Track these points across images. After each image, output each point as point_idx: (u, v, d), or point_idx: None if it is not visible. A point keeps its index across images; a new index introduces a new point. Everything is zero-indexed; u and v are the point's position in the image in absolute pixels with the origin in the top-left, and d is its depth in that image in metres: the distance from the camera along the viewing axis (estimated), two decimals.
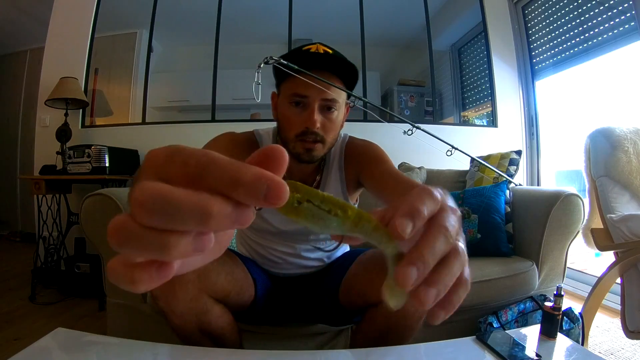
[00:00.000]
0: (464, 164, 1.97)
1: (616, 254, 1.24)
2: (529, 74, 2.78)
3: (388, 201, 0.69)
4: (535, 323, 1.10)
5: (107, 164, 2.13)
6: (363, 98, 0.90)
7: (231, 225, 0.18)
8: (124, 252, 0.18)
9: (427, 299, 0.23)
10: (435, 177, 2.02)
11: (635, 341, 1.34)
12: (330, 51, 0.86)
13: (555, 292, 0.86)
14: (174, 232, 0.17)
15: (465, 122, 2.96)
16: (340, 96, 0.86)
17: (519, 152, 1.86)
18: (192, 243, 0.18)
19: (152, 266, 0.18)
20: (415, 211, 0.24)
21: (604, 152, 1.39)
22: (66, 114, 2.36)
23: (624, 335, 1.20)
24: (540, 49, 2.69)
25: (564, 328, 1.24)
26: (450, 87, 3.01)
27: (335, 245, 1.02)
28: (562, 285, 1.13)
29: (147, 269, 0.18)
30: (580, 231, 1.42)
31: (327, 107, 0.84)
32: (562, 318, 1.25)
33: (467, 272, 0.28)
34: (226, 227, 0.18)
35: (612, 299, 1.56)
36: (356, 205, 1.03)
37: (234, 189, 0.18)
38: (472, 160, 1.90)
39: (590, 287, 1.31)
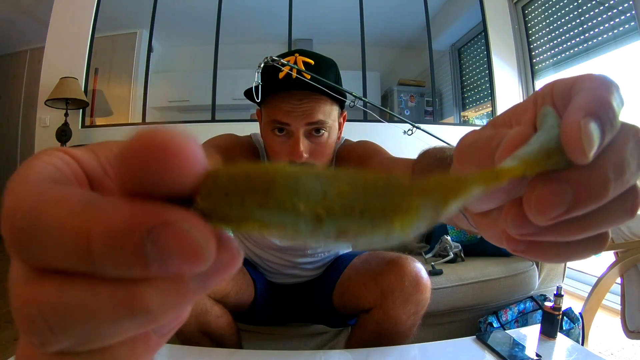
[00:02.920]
0: None
1: (616, 254, 1.24)
2: (529, 74, 2.77)
3: None
4: (535, 323, 1.10)
5: None
6: (363, 98, 0.89)
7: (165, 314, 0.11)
8: None
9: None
10: None
11: (635, 341, 1.34)
12: (312, 61, 0.77)
13: (555, 292, 0.86)
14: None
15: (465, 122, 2.96)
16: (330, 115, 0.76)
17: None
18: (156, 335, 0.12)
19: None
20: (605, 107, 0.14)
21: None
22: (66, 114, 2.36)
23: (624, 335, 1.20)
24: (540, 49, 2.69)
25: (564, 328, 1.24)
26: (450, 87, 3.01)
27: (334, 256, 1.01)
28: (562, 285, 1.13)
29: None
30: None
31: (315, 129, 0.74)
32: (562, 318, 1.25)
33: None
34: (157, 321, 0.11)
35: (612, 299, 1.56)
36: None
37: (93, 266, 0.10)
38: None
39: (590, 287, 1.31)
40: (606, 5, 2.13)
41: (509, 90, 2.79)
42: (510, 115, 0.19)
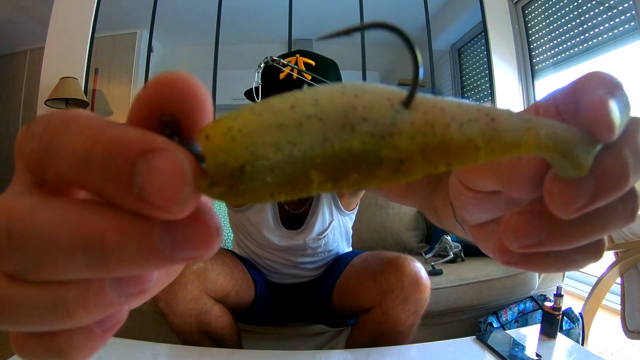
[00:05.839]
0: None
1: (616, 254, 1.24)
2: (529, 74, 2.77)
3: (389, 192, 0.57)
4: (535, 323, 1.10)
5: None
6: None
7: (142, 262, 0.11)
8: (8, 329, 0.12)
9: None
10: None
11: (635, 341, 1.34)
12: (313, 62, 0.78)
13: (555, 292, 0.86)
14: (69, 283, 0.11)
15: None
16: None
17: None
18: (114, 292, 0.11)
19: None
20: (617, 87, 0.15)
21: None
22: None
23: (624, 335, 1.20)
24: (540, 49, 2.68)
25: (564, 328, 1.24)
26: (450, 87, 3.01)
27: (334, 256, 1.01)
28: (562, 285, 1.12)
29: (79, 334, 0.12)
30: None
31: None
32: (562, 318, 1.25)
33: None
34: (137, 265, 0.10)
35: (612, 299, 1.56)
36: (355, 211, 1.01)
37: (84, 177, 0.10)
38: None
39: (590, 287, 1.31)
40: (606, 5, 2.12)
41: (509, 90, 2.79)
42: None
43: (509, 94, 2.78)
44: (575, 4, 2.32)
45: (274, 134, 0.11)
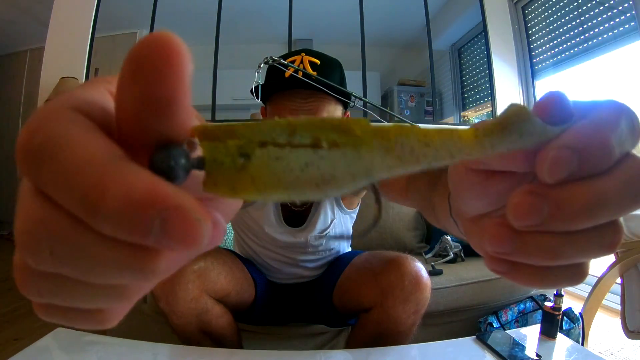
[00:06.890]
0: None
1: (616, 254, 1.24)
2: (529, 74, 2.77)
3: (389, 191, 0.58)
4: (535, 323, 1.10)
5: None
6: (363, 98, 0.89)
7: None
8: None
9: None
10: None
11: (635, 341, 1.34)
12: (318, 61, 0.78)
13: (555, 292, 0.86)
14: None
15: (465, 122, 2.96)
16: (334, 114, 0.77)
17: None
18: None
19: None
20: (593, 146, 0.14)
21: None
22: None
23: (624, 335, 1.20)
24: (540, 49, 2.68)
25: (564, 328, 1.24)
26: (450, 87, 3.01)
27: (335, 255, 1.01)
28: None
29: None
30: None
31: None
32: (562, 318, 1.25)
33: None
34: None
35: (612, 299, 1.56)
36: (356, 211, 1.01)
37: (93, 219, 0.10)
38: None
39: (590, 287, 1.31)
40: (606, 5, 2.12)
41: (509, 90, 2.78)
42: None
43: (509, 94, 2.78)
44: (575, 4, 2.32)
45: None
